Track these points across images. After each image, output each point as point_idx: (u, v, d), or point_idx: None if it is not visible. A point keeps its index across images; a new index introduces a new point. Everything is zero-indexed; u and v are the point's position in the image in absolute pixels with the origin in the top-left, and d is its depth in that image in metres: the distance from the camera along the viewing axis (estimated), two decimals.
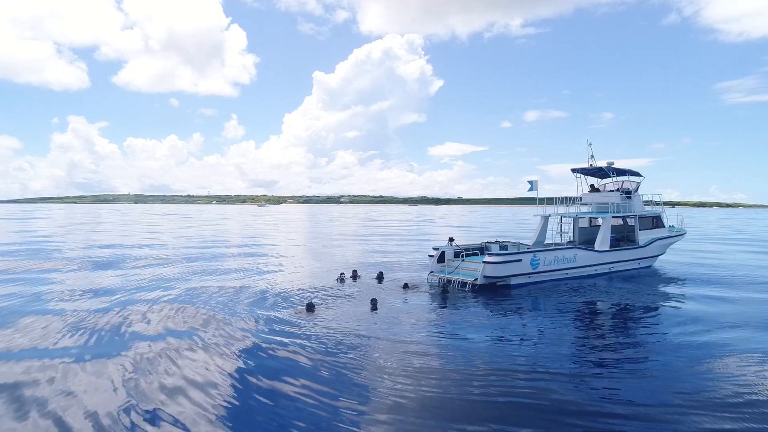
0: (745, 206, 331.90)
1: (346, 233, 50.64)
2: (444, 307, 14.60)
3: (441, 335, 11.43)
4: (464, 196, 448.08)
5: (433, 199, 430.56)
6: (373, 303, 14.65)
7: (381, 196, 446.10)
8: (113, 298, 15.27)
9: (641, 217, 22.00)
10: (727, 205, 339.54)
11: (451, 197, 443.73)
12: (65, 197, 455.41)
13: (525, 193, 21.79)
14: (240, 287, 17.29)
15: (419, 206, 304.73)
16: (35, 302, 14.61)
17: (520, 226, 64.37)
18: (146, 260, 24.86)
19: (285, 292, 16.53)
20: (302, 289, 16.94)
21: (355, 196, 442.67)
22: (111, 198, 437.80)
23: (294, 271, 22.00)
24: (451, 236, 20.63)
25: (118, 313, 13.22)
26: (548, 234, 22.77)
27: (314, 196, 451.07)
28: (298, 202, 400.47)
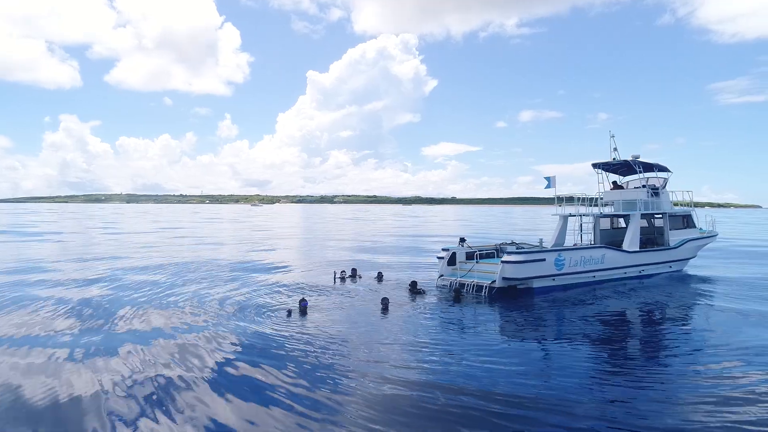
0: (736, 206, 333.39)
1: (342, 232, 48.34)
2: (456, 316, 12.29)
3: (452, 353, 9.15)
4: (458, 196, 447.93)
5: (427, 198, 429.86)
6: (384, 303, 12.91)
7: (375, 196, 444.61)
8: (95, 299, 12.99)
9: (671, 216, 19.80)
10: (719, 205, 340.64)
11: (445, 197, 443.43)
12: (57, 196, 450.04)
13: (542, 191, 19.29)
14: (230, 288, 15.61)
15: (413, 206, 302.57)
16: None
17: (512, 225, 62.49)
18: (131, 259, 22.43)
19: (278, 292, 15.00)
20: (299, 289, 15.49)
21: (349, 196, 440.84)
22: (103, 197, 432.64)
23: (289, 269, 19.87)
24: (462, 236, 18.37)
25: (100, 314, 11.78)
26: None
27: (308, 195, 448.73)
28: (292, 202, 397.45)
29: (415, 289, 15.12)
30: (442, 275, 16.95)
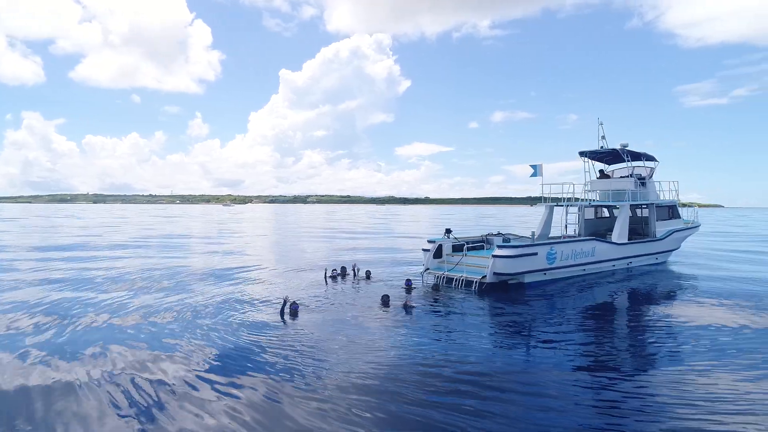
0: (700, 205, 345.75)
1: (320, 232, 47.06)
2: (444, 314, 11.36)
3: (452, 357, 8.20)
4: (431, 196, 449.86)
5: (400, 198, 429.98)
6: (384, 300, 11.95)
7: (348, 196, 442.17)
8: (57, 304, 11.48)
9: (658, 207, 19.47)
10: (684, 205, 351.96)
11: (419, 197, 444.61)
12: (19, 197, 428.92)
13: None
14: (211, 290, 14.15)
15: (387, 206, 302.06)
16: None
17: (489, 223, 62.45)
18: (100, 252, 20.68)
19: (265, 294, 13.54)
20: (288, 290, 14.09)
21: (322, 196, 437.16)
22: (69, 197, 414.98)
23: (274, 270, 18.52)
24: (448, 227, 17.52)
25: (64, 321, 10.22)
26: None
27: (281, 195, 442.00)
28: (264, 202, 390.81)
29: (410, 288, 14.16)
30: (428, 269, 16.11)
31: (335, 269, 16.45)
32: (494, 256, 14.37)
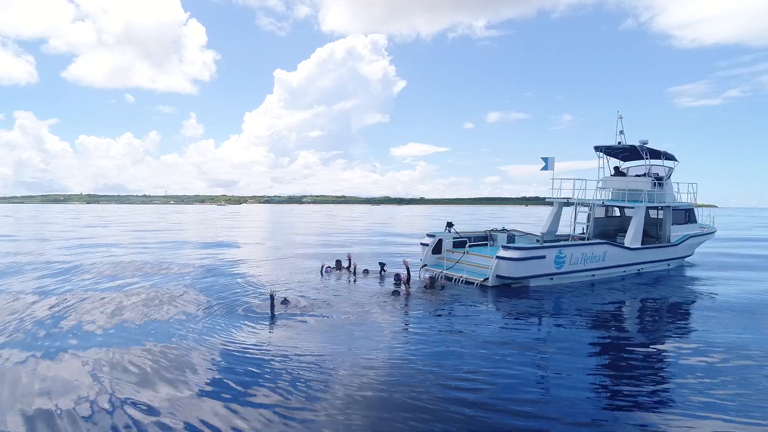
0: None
1: (317, 231, 45.68)
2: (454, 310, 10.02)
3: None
4: (426, 196, 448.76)
5: (395, 199, 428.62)
6: (395, 293, 11.38)
7: (343, 196, 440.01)
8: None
9: (674, 210, 18.10)
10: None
11: (414, 197, 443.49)
12: (12, 197, 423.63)
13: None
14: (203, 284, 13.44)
15: (382, 206, 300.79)
16: None
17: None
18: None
19: (256, 289, 12.78)
20: (281, 284, 13.37)
21: (318, 196, 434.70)
22: (62, 198, 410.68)
23: (266, 265, 17.48)
24: (449, 221, 16.20)
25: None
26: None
27: (276, 196, 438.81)
28: (259, 202, 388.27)
29: (400, 282, 12.86)
30: (425, 265, 14.91)
31: (330, 266, 15.64)
32: (498, 258, 13.10)
